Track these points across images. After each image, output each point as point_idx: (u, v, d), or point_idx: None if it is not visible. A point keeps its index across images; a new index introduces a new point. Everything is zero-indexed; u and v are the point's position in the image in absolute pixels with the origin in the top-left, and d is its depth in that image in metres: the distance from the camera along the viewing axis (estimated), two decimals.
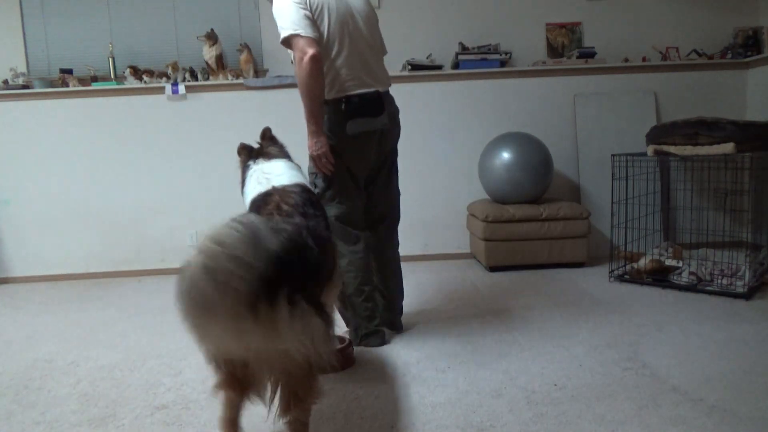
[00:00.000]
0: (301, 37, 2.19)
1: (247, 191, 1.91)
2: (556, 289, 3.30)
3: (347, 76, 2.33)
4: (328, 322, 1.51)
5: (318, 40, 2.23)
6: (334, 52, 2.31)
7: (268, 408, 1.51)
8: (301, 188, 1.82)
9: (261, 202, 1.74)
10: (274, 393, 1.49)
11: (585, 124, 4.25)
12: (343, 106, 2.32)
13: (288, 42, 2.23)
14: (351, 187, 2.42)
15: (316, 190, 2.37)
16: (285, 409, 1.49)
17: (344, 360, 2.26)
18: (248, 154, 2.07)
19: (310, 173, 2.42)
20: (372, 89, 2.37)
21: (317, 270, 1.54)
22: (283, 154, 2.07)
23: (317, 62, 2.18)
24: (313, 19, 2.25)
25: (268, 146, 2.07)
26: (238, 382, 1.50)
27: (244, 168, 2.04)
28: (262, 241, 1.21)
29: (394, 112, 2.51)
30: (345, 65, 2.32)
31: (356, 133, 2.33)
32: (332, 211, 2.37)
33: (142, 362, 2.43)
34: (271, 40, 4.29)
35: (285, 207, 1.64)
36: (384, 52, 2.56)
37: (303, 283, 1.44)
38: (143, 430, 1.82)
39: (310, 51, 2.17)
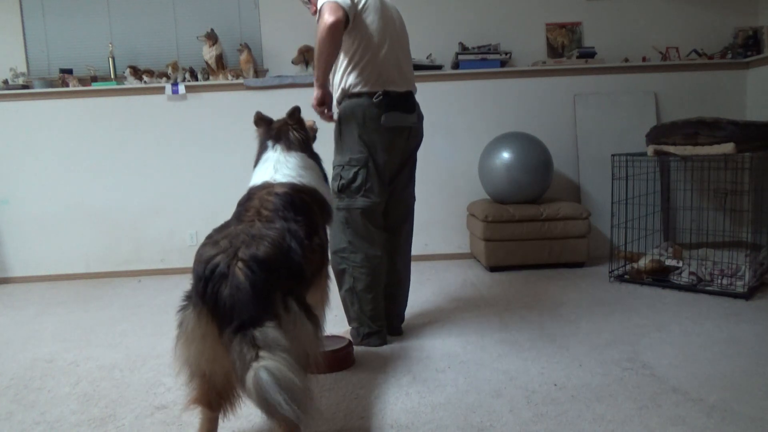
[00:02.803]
0: (330, 3, 2.19)
1: (255, 173, 1.88)
2: (556, 289, 3.30)
3: (386, 72, 2.37)
4: (317, 324, 1.56)
5: (347, 11, 2.21)
6: (375, 47, 2.35)
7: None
8: (290, 189, 1.77)
9: (242, 208, 1.72)
10: None
11: (585, 124, 4.25)
12: (380, 99, 2.34)
13: (320, 11, 2.22)
14: (377, 182, 2.41)
15: (342, 182, 2.38)
16: None
17: (344, 360, 2.26)
18: (267, 131, 1.98)
19: (337, 165, 2.43)
20: (405, 89, 2.44)
21: (302, 272, 1.58)
22: (305, 146, 1.98)
23: (334, 29, 2.17)
24: (355, 5, 2.28)
25: (293, 131, 1.96)
26: (213, 398, 1.54)
27: (262, 146, 1.96)
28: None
29: (421, 115, 2.57)
30: (385, 62, 2.37)
31: (390, 126, 2.37)
32: (357, 203, 2.38)
33: (142, 362, 2.43)
34: (271, 40, 4.29)
35: (265, 212, 1.64)
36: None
37: (292, 285, 1.50)
38: (143, 430, 1.82)
39: (330, 18, 2.16)
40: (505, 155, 3.75)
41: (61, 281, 4.17)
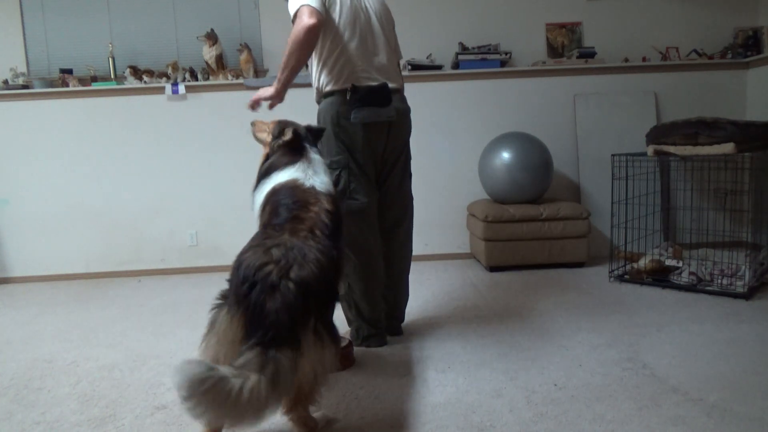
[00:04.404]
0: (307, 6, 2.15)
1: (279, 176, 1.88)
2: (556, 289, 3.30)
3: (355, 68, 2.32)
4: (336, 352, 1.62)
5: (323, 15, 2.19)
6: (343, 43, 2.31)
7: None
8: (336, 207, 1.81)
9: (295, 215, 1.71)
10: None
11: (585, 124, 4.25)
12: (348, 96, 2.30)
13: (298, 14, 2.18)
14: (363, 182, 2.37)
15: None
16: (290, 409, 1.68)
17: (344, 360, 2.26)
18: (297, 142, 1.98)
19: None
20: (379, 82, 2.35)
21: (335, 294, 1.67)
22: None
23: (314, 31, 2.14)
24: (325, 5, 2.25)
25: (312, 147, 2.01)
26: None
27: (285, 154, 1.96)
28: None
29: (405, 109, 2.48)
30: (353, 57, 2.32)
31: (361, 122, 2.30)
32: (344, 206, 2.30)
33: (142, 362, 2.43)
34: (271, 40, 4.29)
35: (318, 233, 1.67)
36: (399, 56, 2.57)
37: (325, 310, 1.59)
38: (143, 430, 1.82)
39: (311, 20, 2.12)
40: (505, 155, 3.75)
41: (61, 281, 4.17)
